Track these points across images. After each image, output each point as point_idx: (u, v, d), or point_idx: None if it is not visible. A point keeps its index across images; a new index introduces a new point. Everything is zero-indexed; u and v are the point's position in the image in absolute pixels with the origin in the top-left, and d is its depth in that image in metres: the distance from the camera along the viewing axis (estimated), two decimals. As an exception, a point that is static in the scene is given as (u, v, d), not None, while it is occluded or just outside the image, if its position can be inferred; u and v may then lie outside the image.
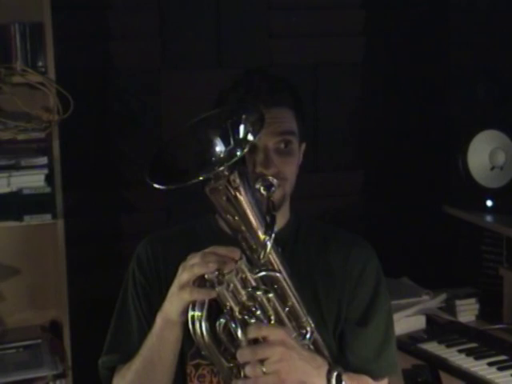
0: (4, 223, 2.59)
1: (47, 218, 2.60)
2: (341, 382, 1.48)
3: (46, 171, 2.61)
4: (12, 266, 2.82)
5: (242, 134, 1.40)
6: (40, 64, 2.62)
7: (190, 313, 1.40)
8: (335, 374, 1.48)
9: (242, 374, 1.39)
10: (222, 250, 1.41)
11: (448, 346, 2.43)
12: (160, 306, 1.50)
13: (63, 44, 2.68)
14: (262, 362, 1.37)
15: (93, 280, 2.95)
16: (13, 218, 2.59)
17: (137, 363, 1.56)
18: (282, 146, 1.59)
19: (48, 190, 2.60)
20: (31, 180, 2.59)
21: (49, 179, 2.62)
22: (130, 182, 3.02)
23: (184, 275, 1.41)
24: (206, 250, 1.41)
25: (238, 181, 1.37)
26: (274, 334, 1.39)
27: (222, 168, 1.33)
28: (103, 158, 3.00)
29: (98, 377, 1.71)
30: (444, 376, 2.27)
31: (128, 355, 1.59)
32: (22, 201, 2.58)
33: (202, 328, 1.39)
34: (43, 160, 2.61)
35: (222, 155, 1.40)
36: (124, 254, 2.91)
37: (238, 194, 1.38)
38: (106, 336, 1.69)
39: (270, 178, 1.54)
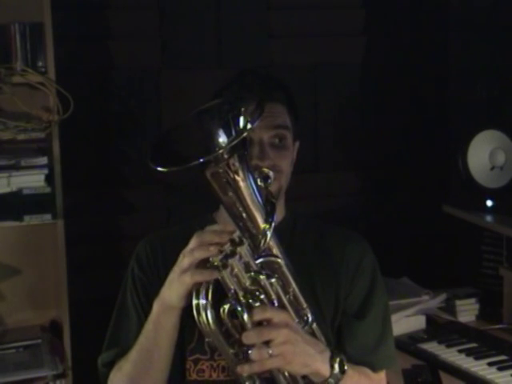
0: (4, 223, 2.59)
1: (47, 218, 2.60)
2: (343, 367, 1.49)
3: (45, 171, 2.61)
4: (12, 266, 2.82)
5: (242, 125, 1.42)
6: (40, 64, 2.62)
7: (195, 301, 1.40)
8: (338, 359, 1.49)
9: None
10: (216, 227, 1.44)
11: (448, 346, 2.42)
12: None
13: (63, 44, 2.68)
14: (267, 344, 1.37)
15: (93, 280, 2.95)
16: (13, 218, 2.59)
17: (133, 353, 1.57)
18: (277, 140, 1.63)
19: (48, 190, 2.60)
20: (31, 180, 2.59)
21: (49, 179, 2.61)
22: (130, 182, 3.02)
23: (185, 260, 1.42)
24: (202, 231, 1.43)
25: (237, 164, 1.38)
26: (279, 316, 1.40)
27: (221, 151, 1.35)
28: (103, 158, 3.00)
29: (97, 377, 1.71)
30: (444, 376, 2.27)
31: (126, 350, 1.60)
32: (22, 201, 2.58)
33: (208, 316, 1.39)
34: (43, 160, 2.61)
35: (223, 145, 1.42)
36: (124, 254, 2.91)
37: (236, 176, 1.39)
38: (105, 336, 1.70)
39: (266, 170, 1.56)
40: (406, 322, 2.58)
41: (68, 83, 2.61)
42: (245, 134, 1.37)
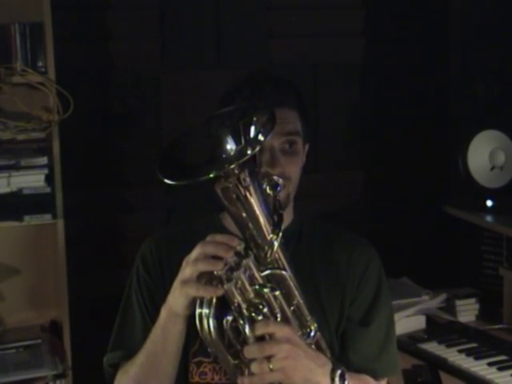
0: (4, 223, 2.59)
1: (47, 217, 2.60)
2: (344, 380, 1.49)
3: (46, 171, 2.61)
4: (12, 266, 2.82)
5: (252, 134, 1.41)
6: (40, 64, 2.62)
7: (198, 310, 1.40)
8: (339, 372, 1.49)
9: (247, 372, 1.40)
10: (220, 238, 1.42)
11: (448, 346, 2.43)
12: (163, 303, 1.51)
13: (63, 44, 2.68)
14: (268, 358, 1.37)
15: (93, 280, 2.95)
16: (13, 218, 2.59)
17: (140, 357, 1.56)
18: (287, 146, 1.61)
19: (48, 190, 2.60)
20: (31, 180, 2.59)
21: (49, 179, 2.61)
22: (130, 182, 3.02)
23: (187, 270, 1.42)
24: (207, 241, 1.42)
25: (248, 180, 1.38)
26: (281, 331, 1.40)
27: (232, 166, 1.34)
28: (103, 158, 3.00)
29: (97, 377, 1.71)
30: (444, 376, 2.27)
31: (132, 351, 1.60)
32: (22, 201, 2.58)
33: (210, 325, 1.39)
34: (43, 160, 2.61)
35: (232, 153, 1.41)
36: (124, 254, 2.91)
37: (247, 193, 1.39)
38: (105, 336, 1.69)
39: (276, 177, 1.55)
40: (405, 321, 2.58)
41: (68, 83, 2.61)
42: (257, 149, 1.36)
